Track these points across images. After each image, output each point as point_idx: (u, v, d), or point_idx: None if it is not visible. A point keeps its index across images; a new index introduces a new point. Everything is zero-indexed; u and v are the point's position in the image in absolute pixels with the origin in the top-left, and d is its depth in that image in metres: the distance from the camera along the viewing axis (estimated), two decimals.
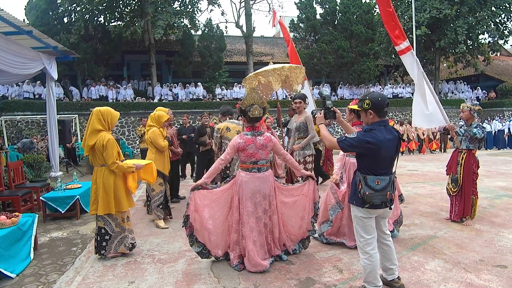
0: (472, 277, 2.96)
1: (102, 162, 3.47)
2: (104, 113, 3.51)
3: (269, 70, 5.42)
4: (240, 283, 2.97)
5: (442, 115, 4.66)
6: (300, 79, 5.68)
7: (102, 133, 3.47)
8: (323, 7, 20.47)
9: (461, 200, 4.43)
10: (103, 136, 3.44)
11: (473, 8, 17.91)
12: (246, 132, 3.29)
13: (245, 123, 3.42)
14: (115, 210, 3.49)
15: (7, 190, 5.59)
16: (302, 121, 5.00)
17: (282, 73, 5.38)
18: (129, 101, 17.12)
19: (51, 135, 7.44)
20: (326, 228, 3.74)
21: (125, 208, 3.55)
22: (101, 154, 3.43)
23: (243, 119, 3.41)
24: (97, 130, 3.45)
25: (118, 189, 3.50)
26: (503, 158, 11.93)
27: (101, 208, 3.45)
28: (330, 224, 3.70)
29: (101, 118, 3.48)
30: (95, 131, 3.45)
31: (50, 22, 16.70)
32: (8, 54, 5.43)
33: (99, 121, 3.48)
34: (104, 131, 3.50)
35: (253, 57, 20.91)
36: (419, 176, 8.39)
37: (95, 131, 3.45)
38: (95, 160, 3.52)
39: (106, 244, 3.56)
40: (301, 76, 5.62)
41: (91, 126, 3.46)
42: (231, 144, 3.25)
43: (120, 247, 3.61)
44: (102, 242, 3.55)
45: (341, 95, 20.41)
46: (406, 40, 4.82)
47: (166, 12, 16.83)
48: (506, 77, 23.56)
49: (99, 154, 3.45)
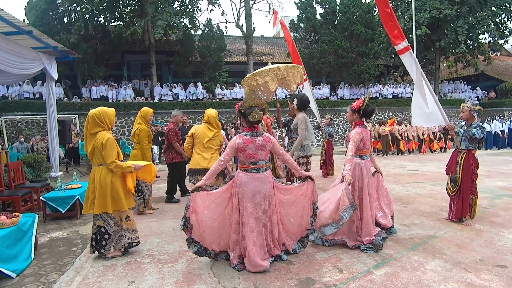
0: (472, 277, 2.96)
1: (101, 161, 3.46)
2: (100, 114, 3.47)
3: (265, 70, 5.42)
4: (240, 283, 2.97)
5: (442, 115, 4.66)
6: (298, 79, 5.66)
7: (101, 132, 3.46)
8: (323, 7, 20.49)
9: (459, 200, 4.43)
10: (102, 135, 3.42)
11: (473, 8, 17.91)
12: (245, 133, 3.27)
13: (244, 124, 3.40)
14: (112, 209, 3.48)
15: (7, 190, 5.59)
16: (295, 122, 4.89)
17: (278, 73, 5.37)
18: (129, 101, 17.13)
19: (51, 135, 7.44)
20: (332, 231, 3.53)
21: (123, 207, 3.53)
22: (100, 153, 3.42)
23: (242, 120, 3.38)
24: (94, 133, 3.45)
25: (115, 188, 3.48)
26: (503, 158, 11.92)
27: (97, 207, 3.44)
28: (337, 226, 3.48)
29: (97, 120, 3.46)
30: (93, 135, 3.45)
31: (50, 22, 16.72)
32: (8, 54, 5.44)
33: (96, 124, 3.46)
34: (104, 130, 3.49)
35: (253, 57, 20.93)
36: (419, 176, 8.39)
37: (93, 135, 3.45)
38: (94, 159, 3.50)
39: (106, 243, 3.55)
40: (298, 75, 5.61)
41: (89, 130, 3.45)
42: (230, 144, 3.24)
43: (118, 245, 3.62)
44: (102, 241, 3.54)
45: (341, 95, 20.42)
46: (404, 40, 4.82)
47: (166, 12, 16.85)
48: (506, 77, 23.55)
49: (98, 153, 3.43)
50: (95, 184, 3.47)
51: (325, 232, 3.57)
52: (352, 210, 3.42)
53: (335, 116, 18.14)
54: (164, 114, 16.38)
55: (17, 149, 10.45)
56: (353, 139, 3.70)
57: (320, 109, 14.78)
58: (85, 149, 3.54)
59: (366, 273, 3.10)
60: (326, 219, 3.52)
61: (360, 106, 3.80)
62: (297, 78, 5.53)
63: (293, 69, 5.50)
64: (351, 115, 3.93)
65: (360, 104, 3.81)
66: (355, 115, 3.86)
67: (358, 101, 3.88)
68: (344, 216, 3.41)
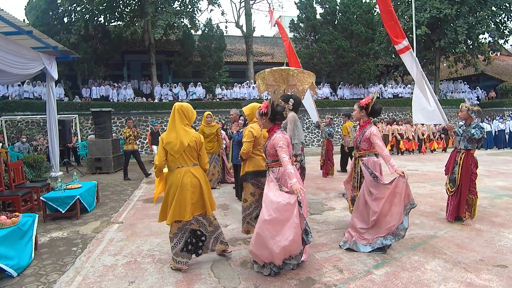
0: (472, 277, 2.96)
1: (195, 160, 3.25)
2: (186, 109, 3.26)
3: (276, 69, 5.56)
4: (240, 283, 2.97)
5: (441, 115, 4.66)
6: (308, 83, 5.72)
7: (192, 129, 3.29)
8: (323, 7, 20.48)
9: (456, 199, 4.44)
10: (196, 133, 3.27)
11: (473, 8, 17.91)
12: (279, 130, 3.26)
13: (268, 123, 3.29)
14: (213, 209, 3.37)
15: (7, 190, 5.60)
16: (285, 122, 4.82)
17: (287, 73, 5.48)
18: (129, 101, 17.13)
19: (51, 135, 7.44)
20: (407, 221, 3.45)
21: (214, 206, 3.43)
22: (197, 152, 3.25)
23: (269, 118, 3.26)
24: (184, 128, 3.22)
25: (209, 188, 3.39)
26: (503, 158, 11.93)
27: (197, 208, 3.22)
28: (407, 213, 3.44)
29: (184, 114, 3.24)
30: (185, 130, 3.21)
31: (50, 22, 16.71)
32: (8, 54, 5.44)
33: (185, 118, 3.24)
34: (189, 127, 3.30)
35: (253, 57, 20.93)
36: (419, 175, 8.39)
37: (185, 130, 3.21)
38: (185, 159, 3.19)
39: (203, 244, 3.43)
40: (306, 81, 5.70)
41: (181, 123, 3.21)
42: (286, 141, 3.15)
43: (217, 245, 3.50)
44: (199, 243, 3.40)
45: (341, 95, 20.41)
46: (405, 39, 4.83)
47: (166, 12, 16.85)
48: (506, 77, 23.55)
49: (193, 152, 3.22)
50: (196, 187, 3.18)
51: (405, 226, 3.43)
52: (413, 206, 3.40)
53: (335, 116, 18.14)
54: (164, 114, 16.38)
55: (18, 149, 10.45)
56: (378, 136, 3.65)
57: (320, 109, 14.78)
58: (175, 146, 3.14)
59: (366, 273, 3.10)
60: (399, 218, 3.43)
61: (368, 104, 3.78)
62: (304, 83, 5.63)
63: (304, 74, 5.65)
64: (358, 112, 3.90)
65: (368, 102, 3.79)
66: (363, 113, 3.83)
67: (366, 98, 3.86)
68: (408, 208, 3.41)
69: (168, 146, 3.14)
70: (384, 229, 3.48)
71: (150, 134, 13.23)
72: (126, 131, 8.88)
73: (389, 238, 3.46)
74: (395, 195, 3.42)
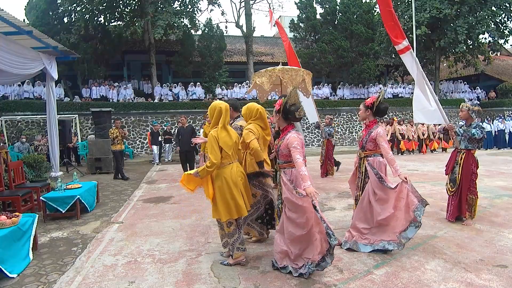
0: (472, 277, 2.96)
1: (237, 156, 3.45)
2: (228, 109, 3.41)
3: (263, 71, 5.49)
4: (240, 283, 2.97)
5: (442, 115, 4.67)
6: (297, 82, 5.67)
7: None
8: (323, 7, 20.48)
9: (456, 199, 4.44)
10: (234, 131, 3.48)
11: (473, 8, 17.90)
12: (293, 129, 3.19)
13: (282, 121, 3.24)
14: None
15: (7, 190, 5.60)
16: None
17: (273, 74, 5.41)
18: (129, 101, 17.12)
19: (51, 135, 7.44)
20: (414, 232, 3.38)
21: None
22: (238, 147, 3.46)
23: (282, 116, 3.20)
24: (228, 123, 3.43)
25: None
26: (503, 158, 11.92)
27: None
28: (417, 225, 3.36)
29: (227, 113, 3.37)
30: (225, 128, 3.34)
31: (50, 22, 16.71)
32: (8, 54, 5.43)
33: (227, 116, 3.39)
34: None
35: (253, 57, 20.91)
36: (419, 175, 8.38)
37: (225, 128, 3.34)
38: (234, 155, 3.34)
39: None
40: (297, 78, 5.63)
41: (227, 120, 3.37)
42: (300, 142, 3.08)
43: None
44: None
45: (341, 95, 20.41)
46: (405, 39, 4.83)
47: (166, 12, 16.84)
48: (506, 76, 23.55)
49: (237, 148, 3.43)
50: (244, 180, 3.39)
51: (408, 235, 3.40)
52: (424, 206, 3.34)
53: (335, 116, 18.13)
54: (164, 114, 16.38)
55: (18, 149, 10.47)
56: (384, 138, 3.60)
57: (320, 109, 14.77)
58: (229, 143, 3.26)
59: (366, 273, 3.10)
60: (404, 224, 3.42)
61: (374, 103, 3.71)
62: (295, 81, 5.56)
63: (290, 72, 5.53)
64: (363, 111, 3.82)
65: (373, 101, 3.72)
66: (368, 112, 3.77)
67: (372, 97, 3.80)
68: (418, 215, 3.34)
69: (223, 144, 3.24)
70: (390, 233, 3.48)
71: (150, 134, 13.25)
72: (114, 131, 8.82)
73: (393, 244, 3.46)
74: (399, 200, 3.43)
